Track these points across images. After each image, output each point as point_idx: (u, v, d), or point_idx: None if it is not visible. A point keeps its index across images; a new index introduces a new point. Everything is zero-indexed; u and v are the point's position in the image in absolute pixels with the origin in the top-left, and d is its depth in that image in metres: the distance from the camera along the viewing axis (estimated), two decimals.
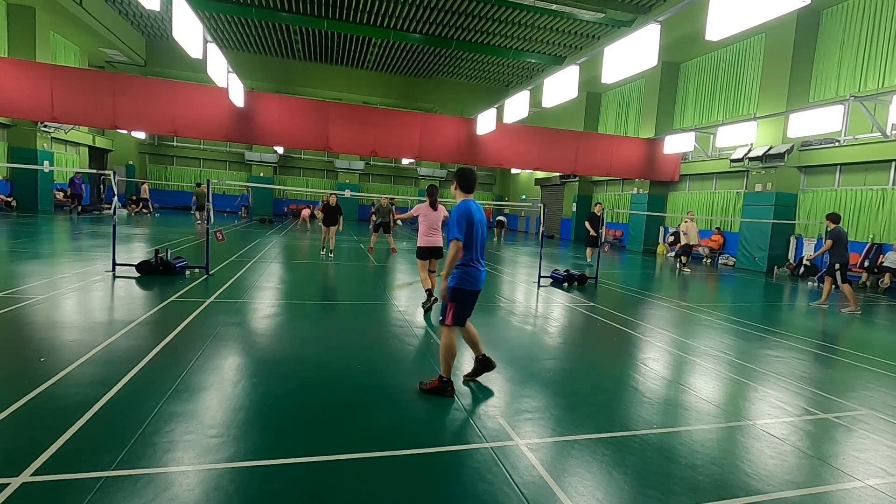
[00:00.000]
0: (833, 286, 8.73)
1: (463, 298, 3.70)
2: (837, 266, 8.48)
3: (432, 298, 6.41)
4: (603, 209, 12.84)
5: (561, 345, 5.44)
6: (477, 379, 4.05)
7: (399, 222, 11.09)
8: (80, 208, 18.34)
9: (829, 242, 8.49)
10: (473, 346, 4.00)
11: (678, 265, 13.85)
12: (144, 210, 23.30)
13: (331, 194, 11.65)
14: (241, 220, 23.17)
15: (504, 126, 16.95)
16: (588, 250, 13.50)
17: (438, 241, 6.41)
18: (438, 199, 6.43)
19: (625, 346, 5.48)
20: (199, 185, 21.93)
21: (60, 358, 3.89)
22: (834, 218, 8.65)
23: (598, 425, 3.31)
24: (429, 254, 6.45)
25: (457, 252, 3.56)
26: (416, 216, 6.55)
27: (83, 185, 18.53)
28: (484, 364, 3.99)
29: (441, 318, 3.72)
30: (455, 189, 3.82)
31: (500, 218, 23.26)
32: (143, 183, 25.58)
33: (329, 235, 11.70)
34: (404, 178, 33.69)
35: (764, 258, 14.50)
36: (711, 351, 5.41)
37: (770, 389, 4.25)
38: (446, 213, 6.26)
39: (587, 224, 13.42)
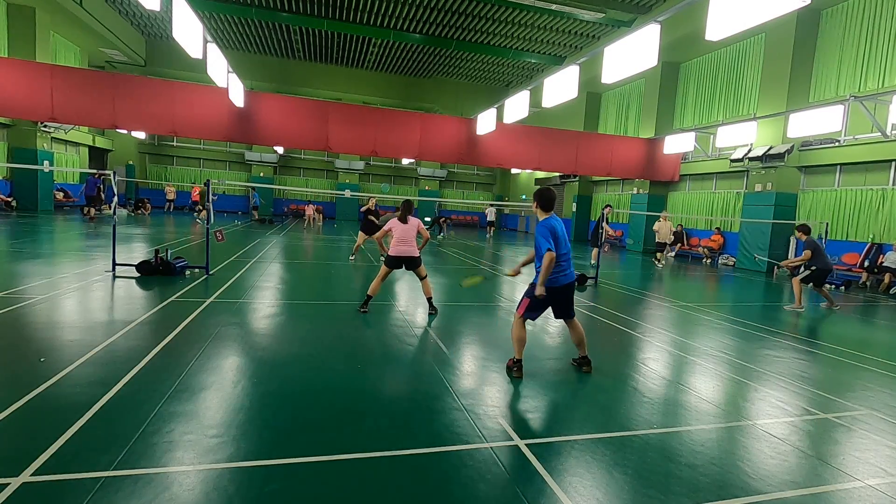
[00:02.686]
0: (821, 287, 8.71)
1: (536, 296, 4.10)
2: (814, 267, 8.41)
3: (368, 305, 6.35)
4: (609, 211, 12.93)
5: (561, 345, 5.43)
6: (478, 378, 4.05)
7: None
8: (92, 210, 18.24)
9: (807, 252, 8.45)
10: (577, 345, 4.46)
11: (653, 260, 14.71)
12: (145, 209, 23.43)
13: (370, 198, 11.44)
14: (250, 221, 23.06)
15: (504, 126, 16.95)
16: (594, 251, 13.30)
17: (412, 250, 6.29)
18: (410, 215, 6.40)
19: (625, 346, 5.48)
20: (206, 184, 22.16)
21: (60, 358, 3.88)
22: (804, 229, 8.64)
23: (598, 425, 3.31)
24: (399, 262, 6.29)
25: (551, 261, 4.03)
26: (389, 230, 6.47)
27: (95, 187, 18.55)
28: (579, 363, 4.46)
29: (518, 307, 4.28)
30: (536, 208, 4.41)
31: (489, 219, 25.72)
32: (168, 185, 26.77)
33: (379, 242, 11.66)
34: (404, 178, 33.69)
35: (764, 258, 14.49)
36: (711, 351, 5.41)
37: (770, 389, 4.25)
38: (421, 225, 6.42)
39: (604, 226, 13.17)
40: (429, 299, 6.42)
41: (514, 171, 32.48)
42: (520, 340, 4.21)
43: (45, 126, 18.93)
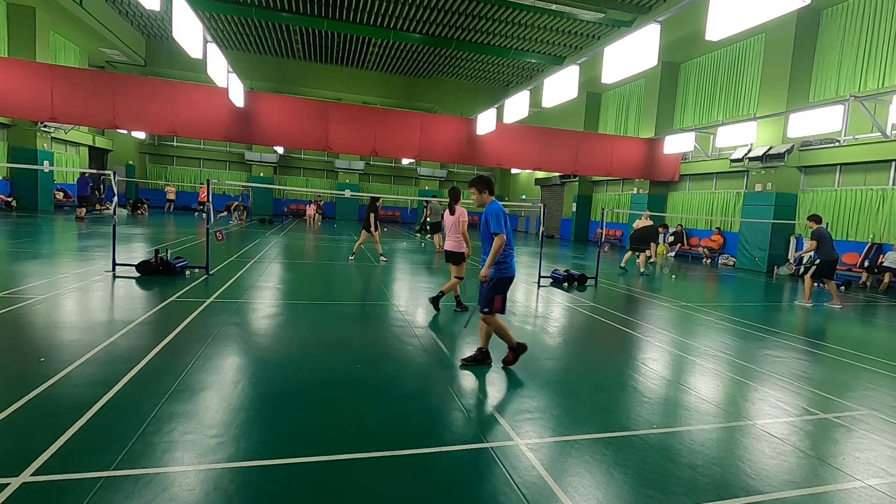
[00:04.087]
0: (820, 283, 8.83)
1: (505, 287, 4.25)
2: (818, 261, 8.62)
3: (464, 309, 6.46)
4: (663, 230, 13.10)
5: (561, 345, 5.43)
6: (478, 378, 4.06)
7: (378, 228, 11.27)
8: (83, 211, 18.02)
9: (813, 242, 8.66)
10: (485, 337, 4.38)
11: (637, 261, 14.56)
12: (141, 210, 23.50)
13: (372, 197, 11.46)
14: (239, 223, 22.42)
15: (504, 126, 16.95)
16: (641, 257, 12.57)
17: (457, 245, 6.30)
18: (457, 203, 6.36)
19: (625, 346, 5.48)
20: (245, 188, 22.52)
21: (60, 358, 3.88)
22: (815, 218, 8.80)
23: (598, 425, 3.31)
24: (449, 258, 6.37)
25: (501, 245, 4.10)
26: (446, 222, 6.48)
27: (88, 186, 18.44)
28: (483, 356, 4.36)
29: (487, 308, 4.18)
30: (484, 194, 4.41)
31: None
32: (169, 185, 27.15)
33: (375, 241, 11.60)
34: (404, 178, 33.71)
35: (764, 258, 14.50)
36: (711, 351, 5.41)
37: (770, 389, 4.25)
38: (463, 217, 6.30)
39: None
40: (457, 298, 6.57)
41: (514, 171, 32.48)
42: (503, 329, 4.25)
43: (45, 126, 18.92)
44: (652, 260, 14.61)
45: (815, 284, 8.83)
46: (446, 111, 28.13)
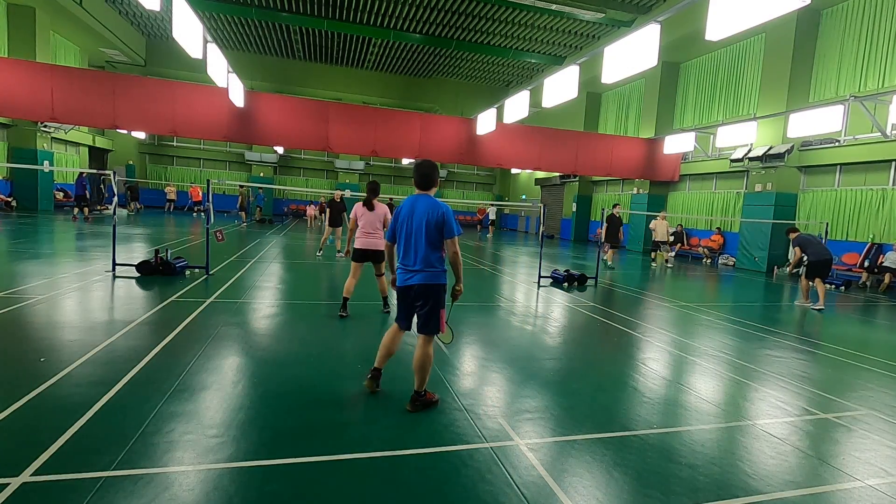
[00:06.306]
0: (812, 283, 8.81)
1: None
2: (807, 260, 8.69)
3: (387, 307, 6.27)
4: (621, 210, 13.23)
5: (561, 345, 5.43)
6: (478, 378, 4.06)
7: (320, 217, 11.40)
8: (85, 210, 17.95)
9: (797, 250, 8.75)
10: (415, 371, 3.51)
11: (651, 259, 15.00)
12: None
13: (337, 194, 11.60)
14: (245, 223, 22.53)
15: (504, 126, 16.95)
16: (609, 252, 13.23)
17: (379, 242, 5.82)
18: (376, 199, 5.88)
19: (625, 346, 5.48)
20: (241, 186, 22.67)
21: (60, 358, 3.88)
22: (793, 230, 9.18)
23: (598, 425, 3.31)
24: (363, 256, 5.86)
25: (388, 251, 3.65)
26: (356, 218, 5.92)
27: (85, 186, 18.37)
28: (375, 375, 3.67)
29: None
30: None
31: (492, 217, 26.43)
32: (169, 185, 27.32)
33: (336, 236, 11.67)
34: (404, 178, 33.68)
35: (764, 258, 14.50)
36: (711, 351, 5.41)
37: (770, 389, 4.25)
38: (388, 214, 5.81)
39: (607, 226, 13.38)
40: (384, 298, 6.31)
41: (514, 171, 32.47)
42: (382, 345, 3.59)
43: (45, 126, 18.92)
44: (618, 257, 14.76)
45: (812, 284, 8.81)
46: (446, 111, 28.13)
